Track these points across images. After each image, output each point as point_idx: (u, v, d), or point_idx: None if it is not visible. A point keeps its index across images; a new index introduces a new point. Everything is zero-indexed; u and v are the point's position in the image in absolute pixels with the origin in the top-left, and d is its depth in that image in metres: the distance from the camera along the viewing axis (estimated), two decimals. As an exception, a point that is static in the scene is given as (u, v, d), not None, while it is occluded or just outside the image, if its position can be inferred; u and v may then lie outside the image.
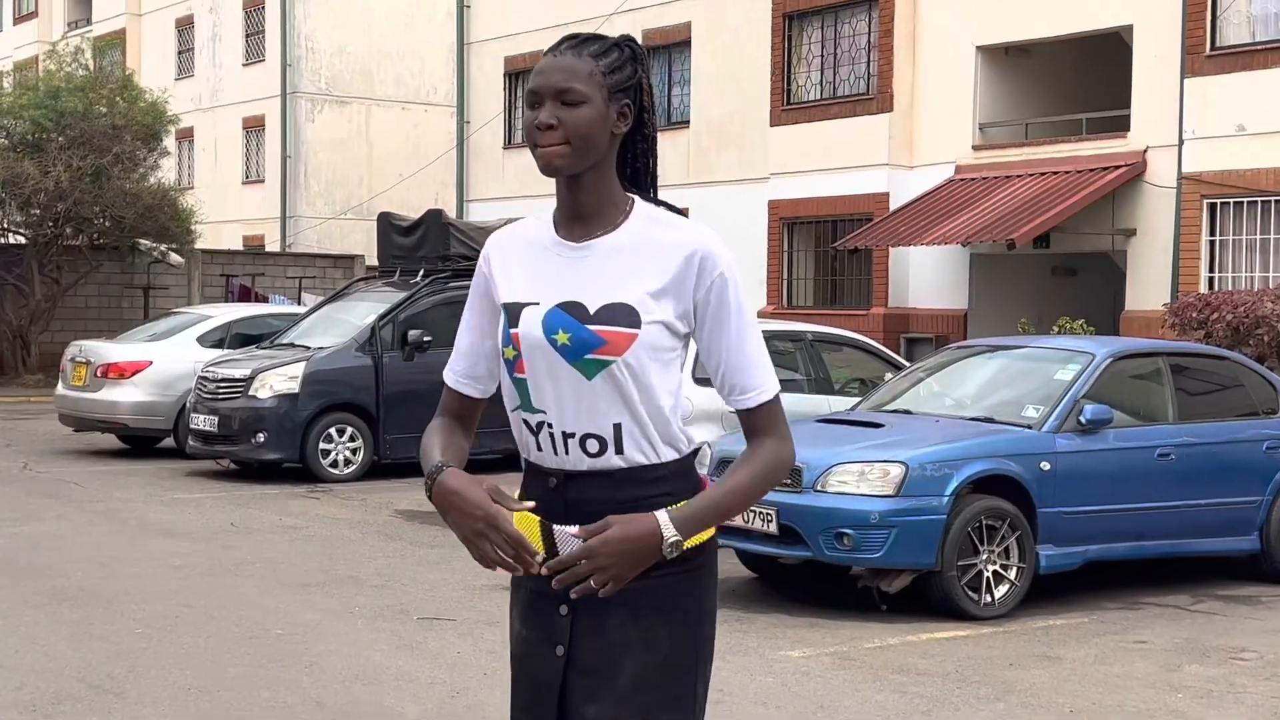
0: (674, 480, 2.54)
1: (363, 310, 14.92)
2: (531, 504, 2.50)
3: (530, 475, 2.60)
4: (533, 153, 2.51)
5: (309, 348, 14.49)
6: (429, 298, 14.73)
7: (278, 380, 13.82)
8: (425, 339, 14.13)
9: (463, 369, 2.68)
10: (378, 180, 36.05)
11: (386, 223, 16.36)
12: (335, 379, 14.03)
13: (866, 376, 12.23)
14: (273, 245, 35.16)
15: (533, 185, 27.65)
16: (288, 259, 29.27)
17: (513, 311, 2.54)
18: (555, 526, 2.49)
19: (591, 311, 2.49)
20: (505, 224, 10.98)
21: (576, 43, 2.54)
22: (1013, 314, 19.19)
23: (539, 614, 2.57)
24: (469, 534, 2.45)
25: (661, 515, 2.44)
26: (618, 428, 2.49)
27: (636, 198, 2.59)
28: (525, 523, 2.47)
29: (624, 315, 2.48)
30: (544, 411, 2.52)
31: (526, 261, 2.57)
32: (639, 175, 2.62)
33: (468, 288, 2.73)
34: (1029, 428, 8.58)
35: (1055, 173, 19.13)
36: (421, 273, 15.23)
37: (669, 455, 2.53)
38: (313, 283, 27.97)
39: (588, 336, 2.47)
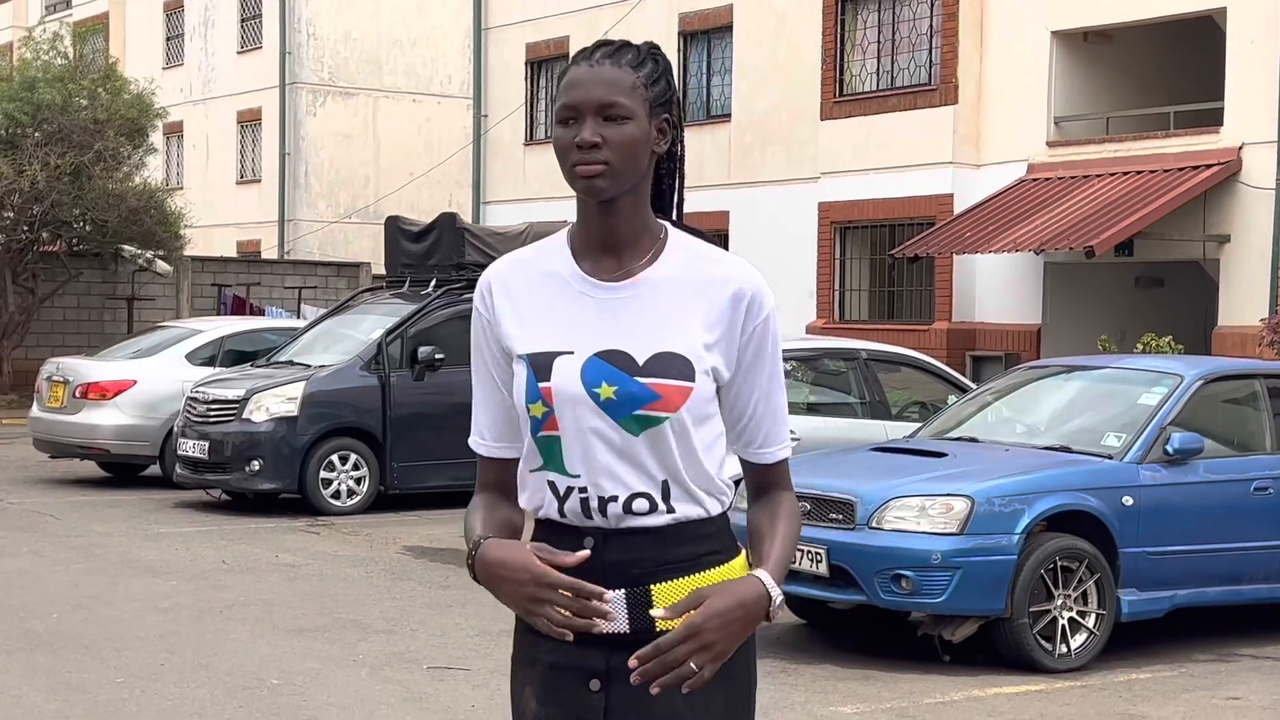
0: (722, 535, 2.55)
1: (368, 324, 14.98)
2: (586, 554, 2.43)
3: (552, 535, 2.51)
4: (569, 173, 2.46)
5: (309, 366, 14.55)
6: (442, 310, 14.78)
7: (274, 402, 13.88)
8: (437, 356, 14.17)
9: (494, 433, 2.60)
10: (386, 180, 36.23)
11: (395, 227, 16.44)
12: (338, 400, 14.08)
13: (928, 400, 12.20)
14: (269, 252, 35.38)
15: (557, 186, 27.64)
16: (286, 267, 29.43)
17: (540, 362, 2.47)
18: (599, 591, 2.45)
19: (640, 362, 2.45)
20: (528, 229, 10.93)
21: (611, 51, 2.49)
22: (1092, 330, 19.12)
23: (563, 690, 2.50)
24: (524, 602, 2.38)
25: (762, 574, 2.44)
26: (665, 485, 2.47)
27: (668, 224, 2.56)
28: None
29: (678, 366, 2.45)
30: (578, 475, 2.47)
31: (547, 302, 2.51)
32: (664, 197, 2.59)
33: None
34: (1109, 458, 8.55)
35: (1139, 172, 19.08)
36: (434, 283, 15.29)
37: (715, 509, 2.53)
38: (313, 294, 28.12)
39: (638, 391, 2.43)
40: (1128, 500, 8.35)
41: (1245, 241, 18.39)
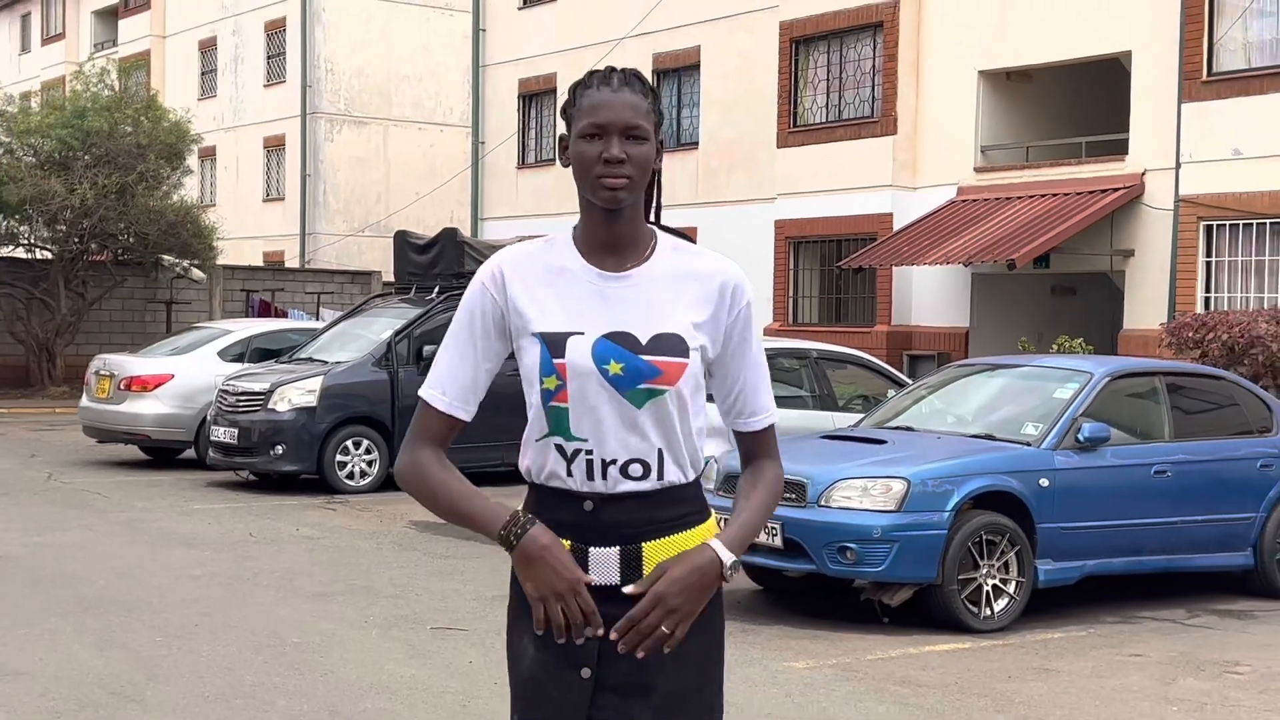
0: (696, 499, 2.60)
1: (379, 326, 14.94)
2: (592, 578, 2.48)
3: (553, 499, 2.53)
4: (591, 184, 2.49)
5: (326, 362, 14.51)
6: (444, 314, 14.72)
7: (296, 394, 13.83)
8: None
9: (458, 394, 2.58)
10: (395, 198, 36.12)
11: (403, 240, 16.39)
12: (352, 393, 14.03)
13: (870, 393, 12.23)
14: (292, 261, 35.24)
15: (545, 204, 27.77)
16: (306, 275, 29.32)
17: (554, 340, 2.49)
18: (592, 549, 2.50)
19: (643, 342, 2.49)
20: (518, 242, 10.75)
21: (626, 78, 2.54)
22: (1013, 333, 19.19)
23: (559, 638, 2.52)
24: (548, 592, 2.44)
25: (714, 543, 2.50)
26: (660, 453, 2.51)
27: (654, 227, 2.61)
28: None
29: (675, 345, 2.50)
30: (584, 440, 2.49)
31: (560, 290, 2.53)
32: (649, 204, 2.65)
33: None
34: (1028, 445, 8.57)
35: (1055, 195, 19.13)
36: (437, 289, 15.25)
37: (692, 475, 2.58)
38: (331, 298, 28.02)
39: (642, 366, 2.48)
40: (1044, 482, 8.37)
41: (1147, 256, 18.47)
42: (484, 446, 13.42)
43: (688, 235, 2.68)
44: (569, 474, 2.52)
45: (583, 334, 2.49)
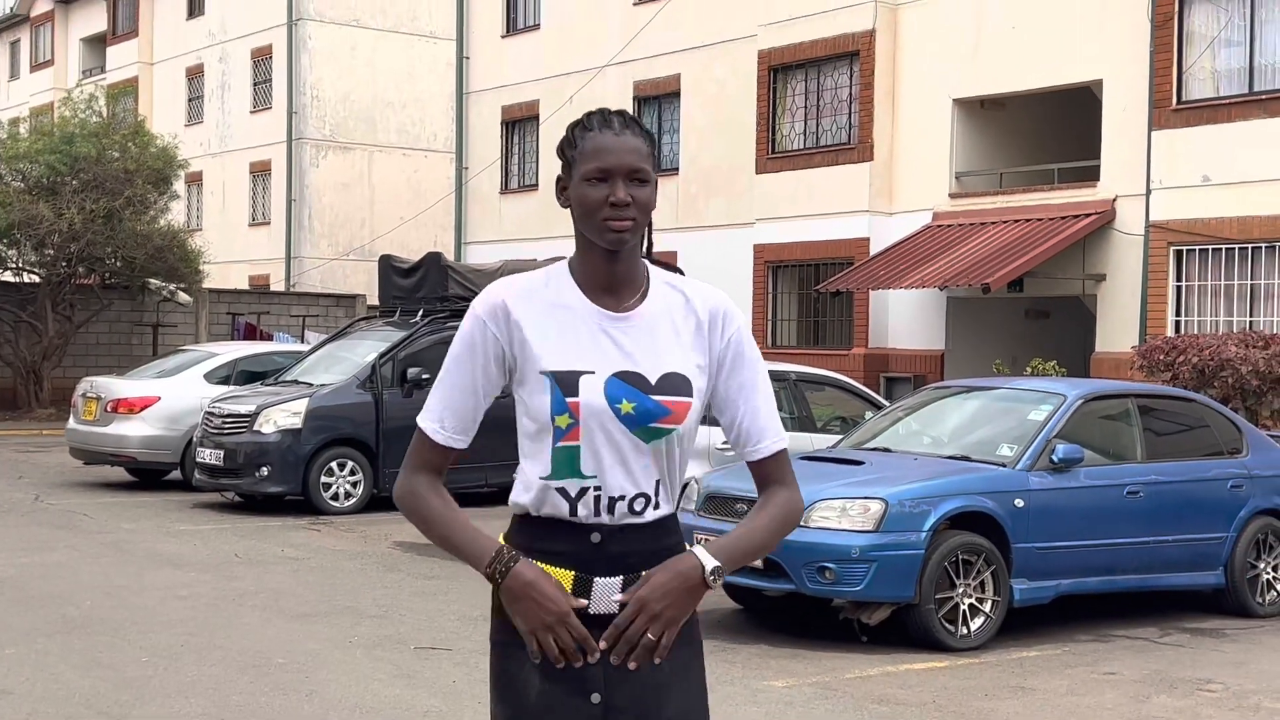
0: (679, 528, 2.64)
1: (364, 349, 14.92)
2: (584, 603, 2.48)
3: (553, 530, 2.52)
4: (597, 227, 2.49)
5: (311, 384, 14.47)
6: (427, 337, 14.73)
7: (281, 416, 13.79)
8: (424, 376, 14.11)
9: (456, 426, 2.57)
10: (379, 223, 36.09)
11: (387, 264, 16.38)
12: (337, 415, 14.00)
13: (848, 415, 12.25)
14: (277, 285, 35.17)
15: (528, 228, 27.79)
16: (292, 298, 29.27)
17: (566, 379, 2.49)
18: (597, 580, 2.50)
19: (652, 382, 2.51)
20: (503, 267, 10.85)
21: (627, 121, 2.55)
22: (988, 355, 19.26)
23: (565, 665, 2.50)
24: (538, 626, 2.45)
25: (697, 550, 2.51)
26: (658, 484, 2.55)
27: (645, 262, 2.63)
28: (559, 576, 2.49)
29: (681, 385, 2.52)
30: (592, 477, 2.50)
31: (566, 328, 2.53)
32: (640, 239, 2.67)
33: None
34: (1004, 466, 8.59)
35: (1028, 220, 19.22)
36: (420, 313, 15.24)
37: (674, 504, 2.62)
38: (316, 321, 27.97)
39: (653, 407, 2.50)
40: (1019, 502, 8.39)
41: (1119, 280, 18.56)
42: (466, 468, 13.42)
43: (676, 267, 2.69)
44: (574, 511, 2.52)
45: (593, 373, 2.50)
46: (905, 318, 20.91)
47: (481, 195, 29.08)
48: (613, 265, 2.53)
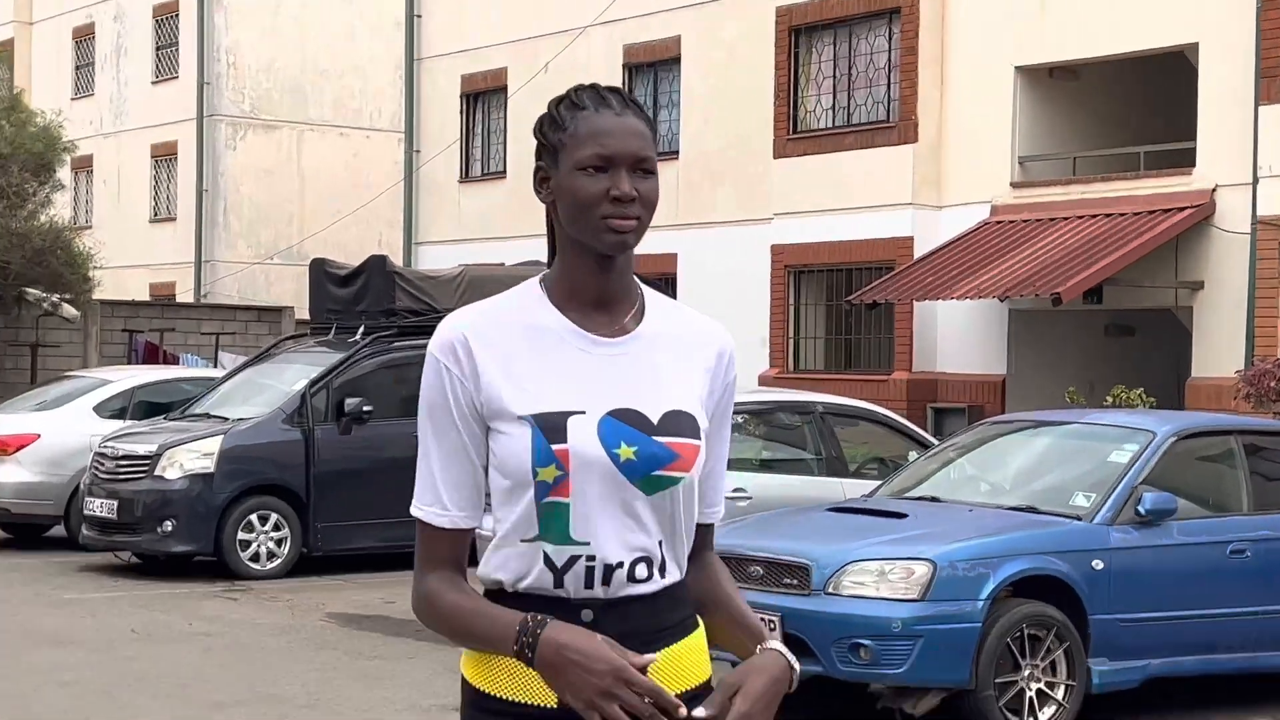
0: (687, 600, 2.64)
1: (292, 374, 14.93)
2: (656, 656, 2.49)
3: (535, 608, 2.51)
4: (593, 227, 2.51)
5: (227, 419, 14.48)
6: (370, 360, 14.76)
7: (189, 458, 13.79)
8: (365, 409, 14.14)
9: (459, 502, 2.56)
10: (311, 219, 36.14)
11: (321, 270, 16.41)
12: (258, 456, 14.01)
13: (887, 456, 12.26)
14: (185, 295, 35.19)
15: (494, 225, 27.83)
16: (203, 312, 29.27)
17: (551, 423, 2.49)
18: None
19: (655, 421, 2.54)
20: (463, 273, 10.89)
21: (626, 99, 2.59)
22: (1059, 381, 19.28)
23: None
24: (594, 695, 2.40)
25: (778, 646, 2.59)
26: (661, 545, 2.57)
27: (639, 281, 2.66)
28: None
29: (689, 425, 2.57)
30: (585, 543, 2.50)
31: (544, 358, 2.54)
32: None
33: (416, 347, 2.73)
34: (1078, 519, 8.60)
35: (1108, 215, 19.27)
36: (361, 330, 15.26)
37: (684, 570, 2.63)
38: (232, 340, 27.96)
39: (658, 451, 2.52)
40: (1098, 564, 8.39)
41: (1220, 288, 18.58)
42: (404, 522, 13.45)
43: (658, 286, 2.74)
44: (559, 583, 2.51)
45: (584, 413, 2.51)
46: (958, 335, 20.95)
47: (437, 184, 29.13)
48: (606, 275, 2.56)
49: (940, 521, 8.70)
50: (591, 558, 2.50)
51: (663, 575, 2.55)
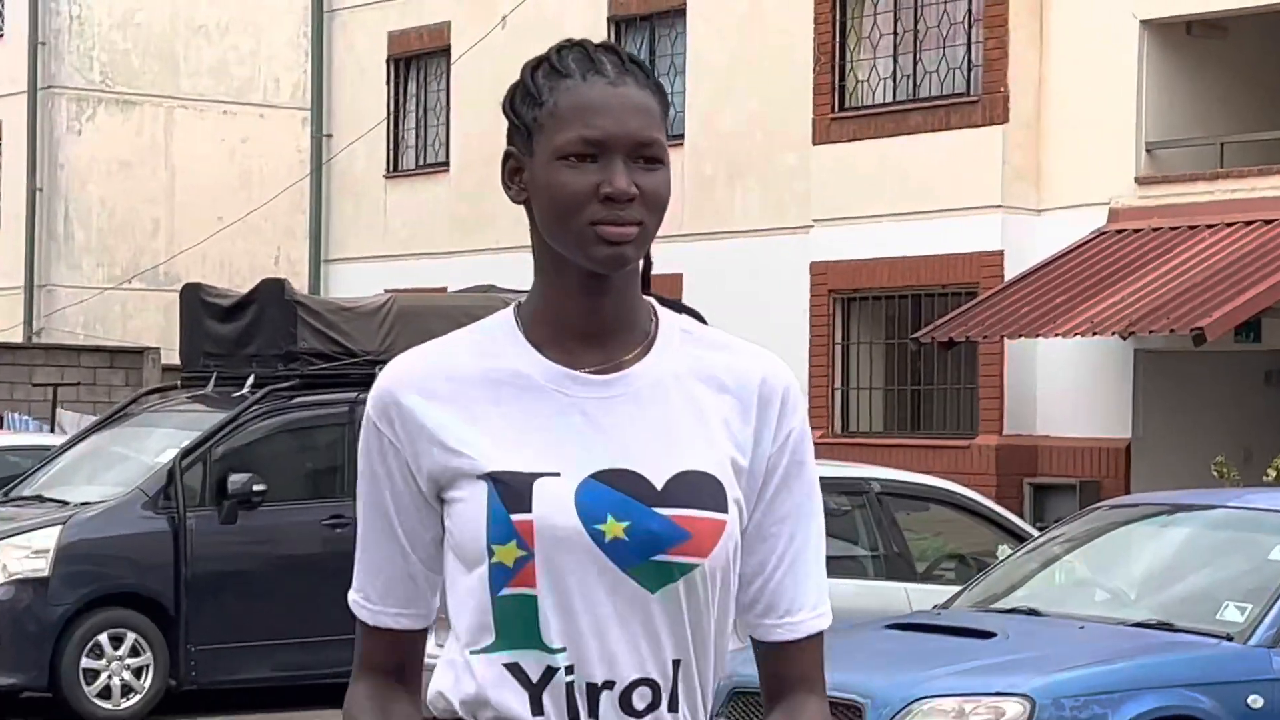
0: None
1: (156, 441, 14.89)
2: None
3: None
4: (578, 235, 2.49)
5: (68, 503, 14.42)
6: (264, 421, 14.72)
7: (15, 557, 13.73)
8: (257, 489, 14.08)
9: (385, 593, 2.61)
10: (183, 229, 36.04)
11: (197, 300, 16.37)
12: (109, 554, 13.95)
13: (968, 551, 12.24)
14: (12, 334, 35.06)
15: (432, 236, 27.67)
16: (35, 355, 29.16)
17: (512, 485, 2.49)
18: None
19: (658, 486, 2.51)
20: (390, 303, 10.97)
21: (625, 63, 2.58)
22: (1203, 448, 19.24)
23: None
24: None
25: None
26: (677, 666, 2.52)
27: (652, 300, 2.65)
28: None
29: (708, 492, 2.52)
30: (560, 650, 2.49)
31: (510, 406, 2.55)
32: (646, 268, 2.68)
33: (325, 404, 2.73)
34: (1228, 639, 8.57)
35: (1267, 221, 19.27)
36: (251, 380, 15.21)
37: (709, 706, 2.58)
38: (75, 394, 27.87)
39: (659, 527, 2.49)
40: (1255, 700, 8.36)
41: None
42: (317, 643, 13.40)
43: (696, 313, 2.71)
44: (536, 707, 2.49)
45: (557, 474, 2.48)
46: (1065, 386, 20.93)
47: (354, 181, 29.16)
48: (598, 300, 2.54)
49: (1041, 642, 8.68)
50: (570, 669, 2.47)
51: (673, 707, 2.51)
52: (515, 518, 2.47)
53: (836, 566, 11.95)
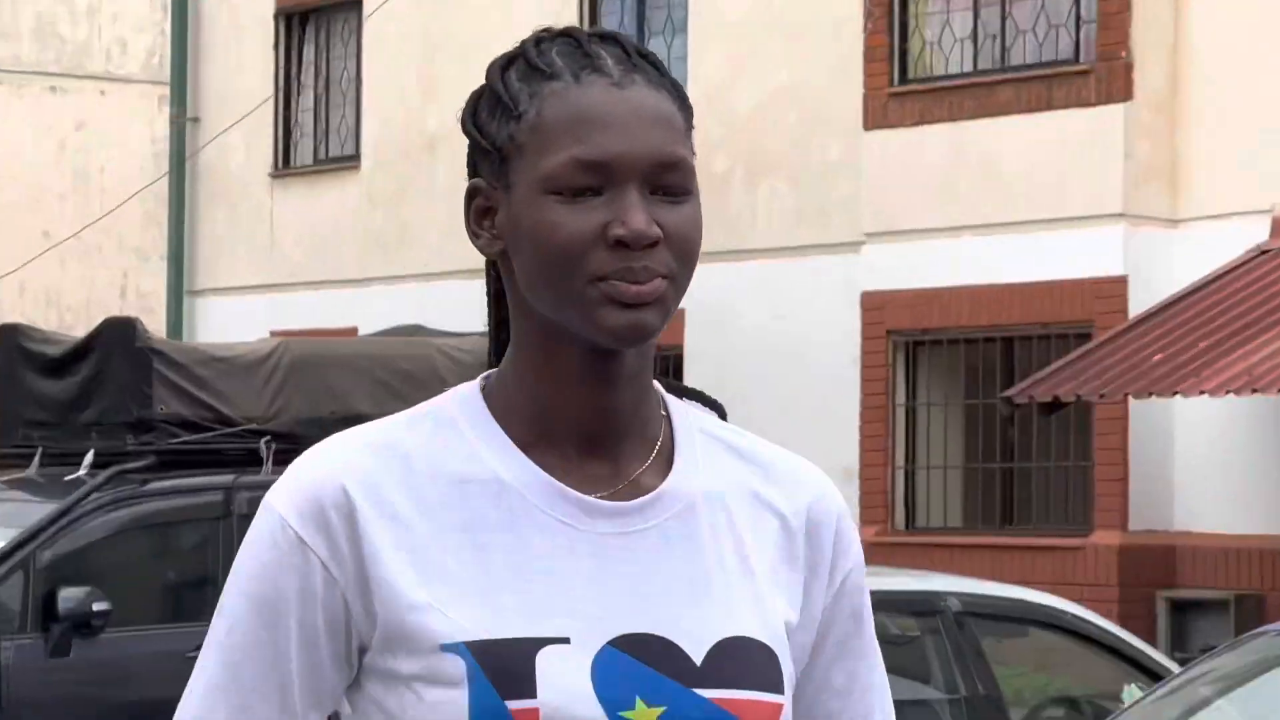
0: None
1: (-43, 543, 14.92)
2: None
3: None
4: (579, 297, 2.45)
5: None
6: (106, 515, 14.74)
7: None
8: (98, 608, 14.10)
9: None
10: (-6, 247, 36.24)
11: (15, 347, 16.41)
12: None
13: (1081, 693, 12.27)
14: None
15: (338, 258, 27.62)
16: None
17: (506, 660, 2.46)
18: None
19: (698, 658, 2.51)
20: (279, 349, 11.05)
21: (632, 56, 2.55)
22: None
23: None
24: None
25: None
26: None
27: (658, 385, 2.64)
28: None
29: (759, 666, 2.54)
30: None
31: (490, 539, 2.52)
32: None
33: (193, 490, 2.66)
34: None
35: None
36: (90, 458, 15.25)
37: None
38: None
39: (703, 716, 2.49)
40: None
41: None
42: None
43: (714, 403, 2.68)
44: None
45: (566, 641, 2.47)
46: (1213, 462, 20.98)
47: (230, 182, 29.24)
48: (607, 389, 2.53)
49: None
50: None
51: None
52: (513, 706, 2.43)
53: (903, 715, 11.97)
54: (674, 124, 2.52)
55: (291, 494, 2.49)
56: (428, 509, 2.50)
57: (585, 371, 2.51)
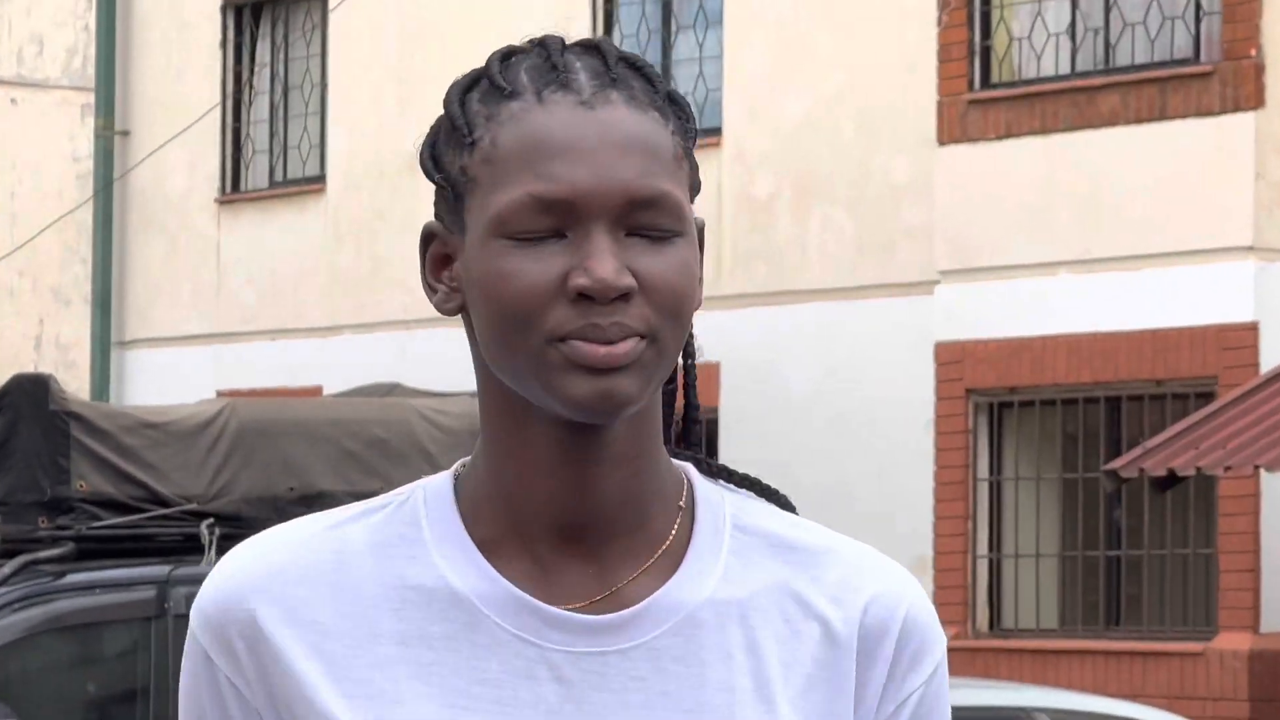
0: None
1: None
2: None
3: None
4: (536, 363, 2.41)
5: None
6: (15, 614, 14.77)
7: None
8: (6, 723, 14.16)
9: None
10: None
11: (-96, 411, 16.49)
12: None
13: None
14: None
15: (296, 302, 27.74)
16: None
17: None
18: None
19: None
20: (224, 411, 11.17)
21: (612, 67, 2.47)
22: None
23: None
24: None
25: None
26: None
27: (688, 465, 2.59)
28: None
29: None
30: None
31: (429, 653, 2.50)
32: (668, 399, 2.64)
33: (119, 586, 2.65)
34: None
35: None
36: (-6, 550, 15.30)
37: None
38: None
39: None
40: None
41: None
42: None
43: (782, 498, 2.61)
44: None
45: None
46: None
47: (168, 208, 29.38)
48: (583, 472, 2.48)
49: None
50: None
51: None
52: None
53: None
54: (656, 150, 2.45)
55: (201, 607, 2.54)
56: (358, 619, 2.51)
57: (559, 452, 2.48)
